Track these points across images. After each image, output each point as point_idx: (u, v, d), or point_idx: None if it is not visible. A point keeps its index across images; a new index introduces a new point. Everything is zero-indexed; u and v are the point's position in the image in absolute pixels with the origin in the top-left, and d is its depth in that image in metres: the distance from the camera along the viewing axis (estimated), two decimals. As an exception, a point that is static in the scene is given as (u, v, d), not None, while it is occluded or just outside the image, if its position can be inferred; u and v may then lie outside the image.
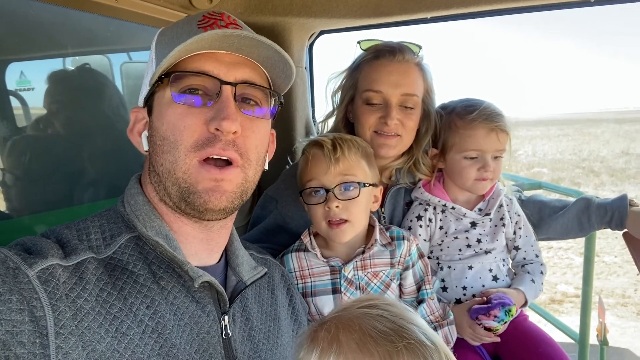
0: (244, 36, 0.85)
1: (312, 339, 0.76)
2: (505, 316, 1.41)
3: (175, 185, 0.88)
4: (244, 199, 0.94)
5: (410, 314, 0.77)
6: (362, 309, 0.77)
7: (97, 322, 0.77)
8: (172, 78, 0.87)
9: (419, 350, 0.70)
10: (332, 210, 1.33)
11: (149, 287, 0.85)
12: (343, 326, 0.74)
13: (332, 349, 0.72)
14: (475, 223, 1.60)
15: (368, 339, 0.71)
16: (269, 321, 1.04)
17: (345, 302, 0.82)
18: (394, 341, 0.70)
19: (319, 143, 1.38)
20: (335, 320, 0.76)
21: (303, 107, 2.21)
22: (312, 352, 0.74)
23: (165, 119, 0.88)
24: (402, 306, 0.79)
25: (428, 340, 0.72)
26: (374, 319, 0.74)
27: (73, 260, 0.80)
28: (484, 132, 1.54)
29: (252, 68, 0.93)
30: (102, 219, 0.91)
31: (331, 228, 1.35)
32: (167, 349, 0.82)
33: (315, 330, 0.77)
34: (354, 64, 1.64)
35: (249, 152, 0.91)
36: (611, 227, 1.63)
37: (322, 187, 1.34)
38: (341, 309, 0.79)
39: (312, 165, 1.37)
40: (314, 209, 1.36)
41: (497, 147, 1.55)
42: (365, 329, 0.72)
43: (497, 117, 1.55)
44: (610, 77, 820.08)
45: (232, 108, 0.87)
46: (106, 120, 1.82)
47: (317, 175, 1.35)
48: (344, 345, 0.72)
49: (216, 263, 0.99)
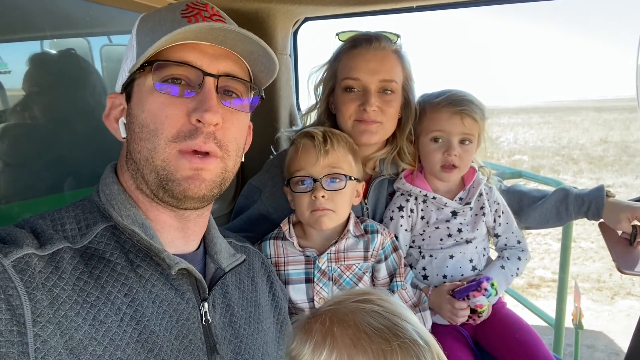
0: (231, 30, 0.85)
1: (305, 331, 0.77)
2: (492, 289, 1.45)
3: (153, 172, 0.87)
4: (222, 188, 0.94)
5: (404, 310, 0.78)
6: (357, 304, 0.77)
7: (74, 310, 0.77)
8: (154, 67, 0.86)
9: (413, 350, 0.71)
10: (318, 199, 1.37)
11: (127, 275, 0.85)
12: (338, 320, 0.75)
13: (326, 342, 0.73)
14: (456, 212, 1.63)
15: (362, 335, 0.72)
16: (250, 307, 1.06)
17: (339, 294, 0.83)
18: (388, 339, 0.71)
19: (310, 134, 1.42)
20: (330, 314, 0.76)
21: (287, 95, 2.19)
22: (306, 343, 0.75)
23: (146, 107, 0.88)
24: (396, 302, 0.80)
25: (421, 339, 0.73)
26: (369, 314, 0.75)
27: (48, 250, 0.80)
28: (447, 114, 1.57)
29: (235, 61, 0.93)
30: (77, 208, 0.91)
31: (315, 215, 1.38)
32: (147, 336, 0.83)
33: (310, 322, 0.77)
34: (333, 56, 1.64)
35: (228, 144, 0.91)
36: (588, 217, 1.68)
37: (310, 176, 1.38)
38: (335, 301, 0.80)
39: (302, 155, 1.41)
40: (300, 198, 1.40)
41: (461, 130, 1.56)
42: (360, 324, 0.73)
43: (463, 101, 1.57)
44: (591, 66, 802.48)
45: (214, 100, 0.87)
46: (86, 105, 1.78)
47: (306, 165, 1.39)
48: (338, 340, 0.72)
49: (194, 251, 1.00)
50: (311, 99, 1.73)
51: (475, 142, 1.61)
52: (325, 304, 0.82)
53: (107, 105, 0.96)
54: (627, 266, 1.46)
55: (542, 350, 1.51)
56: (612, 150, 16.54)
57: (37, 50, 1.65)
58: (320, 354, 0.73)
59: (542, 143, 19.58)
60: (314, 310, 0.82)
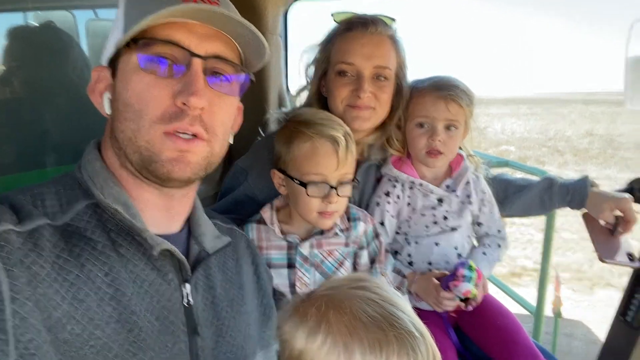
0: (220, 13, 0.83)
1: (300, 314, 0.76)
2: (470, 272, 1.46)
3: (136, 152, 0.85)
4: (208, 171, 0.92)
5: (399, 299, 0.78)
6: (353, 290, 0.77)
7: (52, 288, 0.75)
8: (140, 44, 0.83)
9: (408, 341, 0.71)
10: (331, 205, 1.34)
11: (108, 254, 0.83)
12: (334, 306, 0.74)
13: (321, 328, 0.72)
14: (442, 200, 1.63)
15: (358, 323, 0.71)
16: (233, 289, 1.04)
17: (334, 279, 0.82)
18: (384, 329, 0.71)
19: (333, 138, 1.34)
20: (325, 299, 0.76)
21: (276, 76, 2.16)
22: (299, 327, 0.74)
23: (130, 86, 0.85)
24: (391, 290, 0.80)
25: (417, 331, 0.73)
26: (365, 302, 0.74)
27: (27, 227, 0.77)
28: (432, 98, 1.56)
29: (224, 42, 0.90)
30: (58, 184, 0.88)
31: (323, 217, 1.37)
32: (127, 316, 0.81)
33: (304, 306, 0.77)
34: (327, 37, 1.61)
35: (215, 127, 0.89)
36: (571, 206, 1.69)
37: (326, 182, 1.34)
38: (330, 286, 0.79)
39: (322, 159, 1.33)
40: (310, 200, 1.35)
41: (446, 116, 1.55)
42: (355, 312, 0.72)
43: (448, 86, 1.56)
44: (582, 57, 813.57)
45: (201, 83, 0.84)
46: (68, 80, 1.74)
47: (325, 170, 1.34)
48: (334, 327, 0.72)
49: (178, 232, 0.98)
50: (302, 79, 1.71)
51: (461, 128, 1.60)
52: (320, 287, 0.81)
53: (92, 78, 0.93)
54: (608, 255, 1.48)
55: (523, 336, 1.53)
56: (597, 143, 16.75)
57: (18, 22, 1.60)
58: (315, 339, 0.72)
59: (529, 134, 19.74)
60: (309, 293, 0.81)
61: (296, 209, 1.41)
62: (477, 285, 1.47)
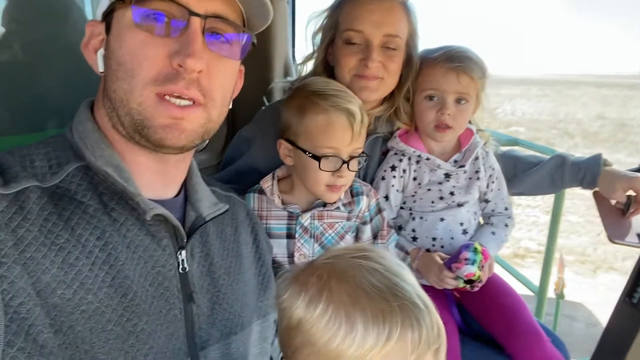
0: None
1: (300, 283, 0.73)
2: (475, 255, 1.43)
3: (128, 115, 0.81)
4: (205, 138, 0.88)
5: (403, 270, 0.75)
6: (356, 259, 0.74)
7: (40, 252, 0.73)
8: (134, 0, 0.78)
9: (412, 312, 0.68)
10: (341, 179, 1.32)
11: (100, 218, 0.80)
12: (336, 275, 0.71)
13: (322, 297, 0.70)
14: (450, 175, 1.59)
15: (361, 292, 0.69)
16: (231, 257, 1.02)
17: (336, 249, 0.80)
18: (388, 299, 0.68)
19: (349, 111, 1.30)
20: (327, 267, 0.73)
21: (282, 45, 2.09)
22: (300, 296, 0.72)
23: (124, 44, 0.80)
24: (395, 261, 0.76)
25: (422, 302, 0.70)
26: (369, 272, 0.71)
27: (13, 189, 0.74)
28: (442, 70, 1.50)
29: (225, 0, 0.84)
30: (48, 146, 0.85)
31: (330, 191, 1.35)
32: (120, 280, 0.79)
33: (305, 274, 0.74)
34: (335, 2, 1.54)
35: (213, 91, 0.84)
36: (583, 185, 1.64)
37: (339, 156, 1.31)
38: (332, 255, 0.77)
39: (338, 133, 1.30)
40: (320, 173, 1.32)
41: (456, 89, 1.50)
42: (358, 281, 0.70)
43: (460, 58, 1.50)
44: (594, 41, 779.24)
45: (199, 44, 0.79)
46: (66, 41, 1.69)
47: (339, 144, 1.30)
48: (335, 295, 0.69)
49: (174, 197, 0.95)
50: (308, 47, 1.64)
51: (472, 102, 1.54)
52: (322, 256, 0.78)
53: (86, 33, 0.88)
54: (617, 236, 1.45)
55: (525, 313, 1.52)
56: (608, 126, 16.53)
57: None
58: (315, 307, 0.69)
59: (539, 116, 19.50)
60: (310, 261, 0.78)
61: (303, 181, 1.38)
62: (482, 267, 1.45)
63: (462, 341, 1.51)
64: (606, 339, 1.57)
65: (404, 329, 0.67)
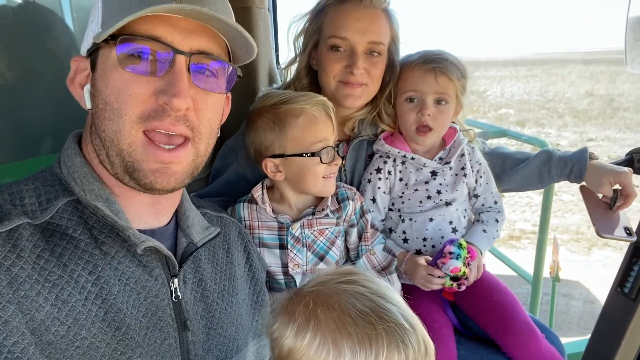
0: (203, 13, 0.78)
1: (288, 312, 0.75)
2: (459, 250, 1.45)
3: (119, 156, 0.82)
4: (194, 175, 0.89)
5: (389, 291, 0.77)
6: (341, 285, 0.76)
7: (34, 290, 0.74)
8: (119, 41, 0.78)
9: (398, 334, 0.70)
10: (335, 167, 1.39)
11: (91, 252, 0.81)
12: (322, 303, 0.73)
13: (309, 325, 0.72)
14: (436, 172, 1.61)
15: (347, 318, 0.70)
16: (224, 280, 1.03)
17: (323, 273, 0.81)
18: (373, 323, 0.70)
19: (323, 103, 1.36)
20: (313, 295, 0.75)
21: (266, 53, 2.08)
22: (288, 326, 0.73)
23: (110, 83, 0.81)
24: (381, 282, 0.79)
25: (407, 322, 0.72)
26: (353, 296, 0.73)
27: (6, 227, 0.75)
28: (421, 72, 1.53)
29: (211, 36, 0.85)
30: (36, 181, 0.86)
31: (328, 182, 1.39)
32: (113, 314, 0.80)
33: (292, 303, 0.76)
34: (319, 7, 1.55)
35: (200, 126, 0.85)
36: (570, 179, 1.66)
37: (330, 145, 1.37)
38: (319, 282, 0.78)
39: (321, 125, 1.35)
40: (317, 168, 1.35)
41: (435, 89, 1.52)
42: (344, 307, 0.72)
43: (437, 59, 1.53)
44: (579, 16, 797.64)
45: (185, 82, 0.80)
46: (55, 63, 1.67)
47: (326, 134, 1.36)
48: (322, 324, 0.71)
49: (165, 225, 0.95)
50: (290, 51, 1.65)
51: (451, 103, 1.56)
52: (309, 283, 0.80)
53: (71, 69, 0.89)
54: (606, 230, 1.47)
55: (519, 311, 1.54)
56: (597, 103, 16.58)
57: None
58: (304, 337, 0.71)
59: (528, 96, 19.53)
60: (297, 290, 0.80)
61: (300, 186, 1.39)
62: (468, 265, 1.46)
63: (459, 342, 1.53)
64: (601, 326, 1.60)
65: (389, 351, 0.69)
